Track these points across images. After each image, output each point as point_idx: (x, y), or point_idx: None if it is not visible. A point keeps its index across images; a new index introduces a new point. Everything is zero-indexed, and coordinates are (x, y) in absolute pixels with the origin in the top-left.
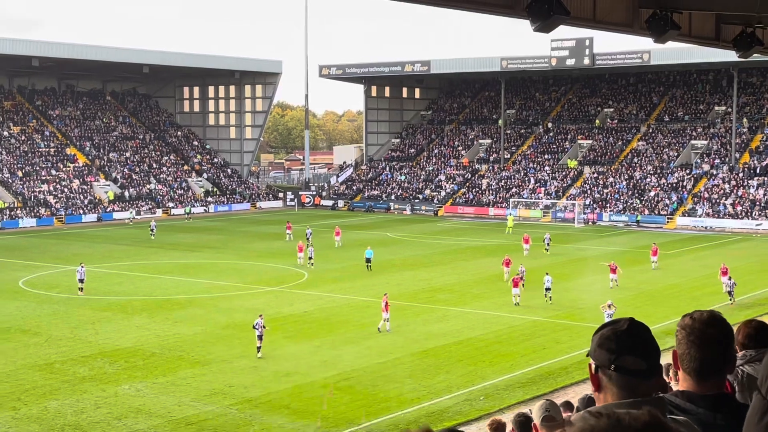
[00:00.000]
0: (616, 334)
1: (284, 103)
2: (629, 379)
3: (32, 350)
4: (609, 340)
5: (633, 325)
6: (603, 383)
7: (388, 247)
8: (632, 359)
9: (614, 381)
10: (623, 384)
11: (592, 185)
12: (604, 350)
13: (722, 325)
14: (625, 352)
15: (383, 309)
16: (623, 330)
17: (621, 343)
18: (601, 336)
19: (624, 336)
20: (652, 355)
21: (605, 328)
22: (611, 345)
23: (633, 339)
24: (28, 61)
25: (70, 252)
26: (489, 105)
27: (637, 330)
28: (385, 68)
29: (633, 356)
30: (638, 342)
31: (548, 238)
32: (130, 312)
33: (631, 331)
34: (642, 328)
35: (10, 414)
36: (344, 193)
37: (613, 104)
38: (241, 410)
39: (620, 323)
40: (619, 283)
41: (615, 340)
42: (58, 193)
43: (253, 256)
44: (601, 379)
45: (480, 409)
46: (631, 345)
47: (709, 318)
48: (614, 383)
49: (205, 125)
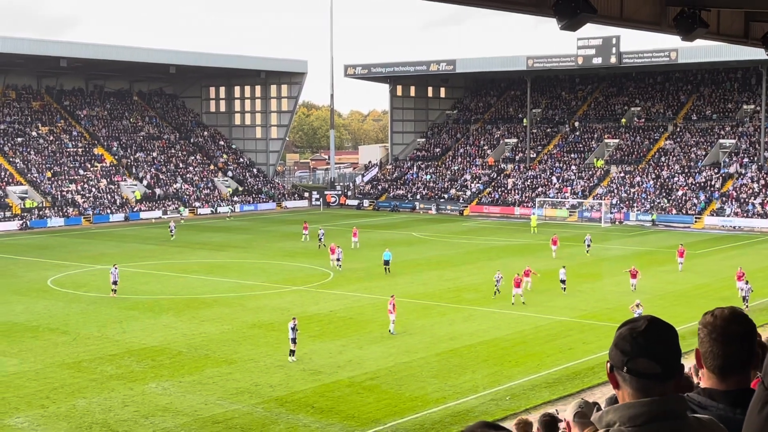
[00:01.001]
0: (633, 335)
1: (310, 102)
2: (643, 382)
3: (60, 349)
4: (624, 341)
5: (652, 326)
6: (618, 382)
7: (413, 247)
8: (646, 362)
9: (628, 382)
10: (637, 386)
11: (618, 184)
12: (619, 351)
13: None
14: (639, 354)
15: (390, 311)
16: (640, 331)
17: (636, 344)
18: (619, 335)
19: (640, 338)
20: (669, 358)
21: (624, 327)
22: (626, 346)
23: (649, 341)
24: (57, 61)
25: (98, 251)
26: (515, 104)
27: (656, 331)
28: (410, 67)
29: (647, 359)
30: (654, 344)
31: (589, 239)
32: (157, 311)
33: (649, 332)
34: (662, 329)
35: (39, 412)
36: (369, 192)
37: (640, 103)
38: (267, 409)
39: (639, 323)
40: (637, 287)
41: (630, 341)
42: (86, 193)
43: (279, 256)
44: (617, 378)
45: (506, 409)
46: (646, 347)
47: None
48: (628, 384)
49: (231, 125)
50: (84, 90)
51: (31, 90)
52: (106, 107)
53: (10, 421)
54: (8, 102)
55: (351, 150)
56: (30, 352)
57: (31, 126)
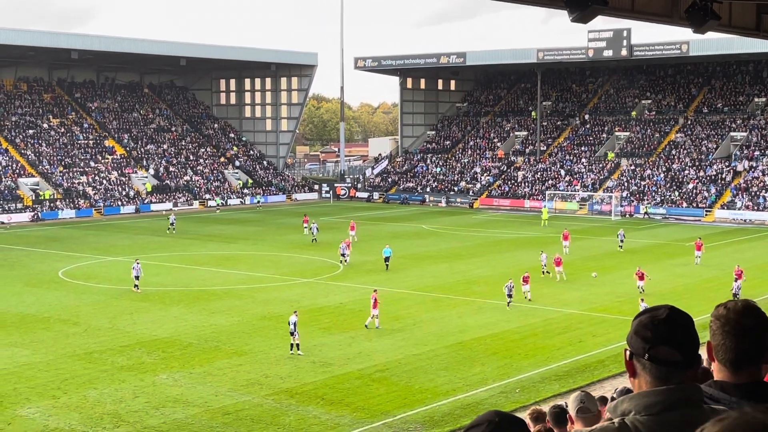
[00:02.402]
0: (654, 322)
1: (320, 95)
2: (663, 369)
3: (72, 340)
4: (645, 329)
5: (672, 314)
6: (637, 371)
7: (423, 240)
8: (667, 350)
9: (648, 370)
10: (657, 374)
11: (629, 177)
12: (640, 338)
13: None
14: (660, 342)
15: (372, 305)
16: (661, 319)
17: (657, 332)
18: (639, 323)
19: (661, 325)
20: (689, 347)
21: (644, 315)
22: (647, 334)
23: (670, 329)
24: (68, 54)
25: (109, 243)
26: (525, 97)
27: (676, 319)
28: (420, 60)
29: (668, 347)
30: (675, 332)
31: (622, 234)
32: (168, 303)
33: (670, 320)
34: (681, 318)
35: (51, 402)
36: (379, 185)
37: (651, 96)
38: (277, 400)
39: (659, 311)
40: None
41: (651, 328)
42: (97, 185)
43: (289, 248)
44: (636, 366)
45: (516, 402)
46: (667, 335)
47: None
48: (648, 372)
49: (242, 117)
50: (95, 82)
51: (43, 82)
52: (117, 99)
53: (21, 412)
54: (20, 94)
55: (361, 142)
56: (41, 343)
57: (42, 118)
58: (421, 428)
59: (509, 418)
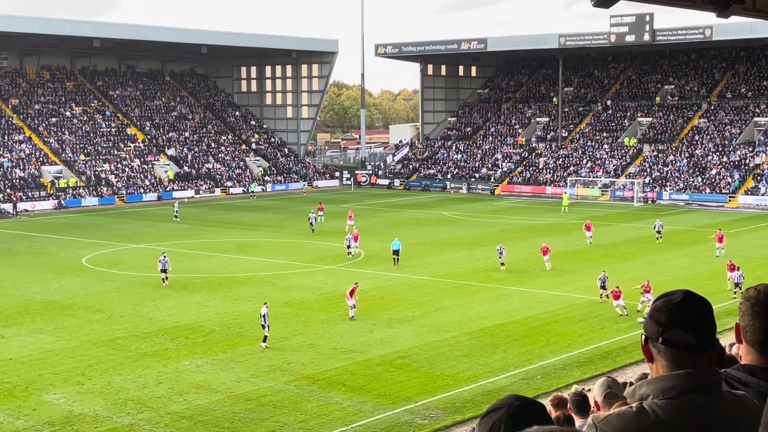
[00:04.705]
0: (668, 306)
1: (340, 82)
2: (678, 353)
3: (95, 326)
4: (659, 312)
5: (687, 298)
6: (653, 355)
7: (444, 227)
8: (681, 333)
9: (663, 354)
10: (672, 357)
11: (651, 163)
12: (654, 322)
13: None
14: (674, 325)
15: (348, 296)
16: (675, 303)
17: (671, 316)
18: (654, 308)
19: (675, 309)
20: (704, 330)
21: (660, 300)
22: (661, 317)
23: (684, 312)
24: (90, 42)
25: (132, 231)
26: (546, 83)
27: (691, 303)
28: (441, 46)
29: (682, 330)
30: (690, 316)
31: (660, 225)
32: (190, 290)
33: (684, 304)
34: (697, 302)
35: (75, 388)
36: (400, 172)
37: (674, 81)
38: (299, 386)
39: (674, 295)
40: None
41: (666, 312)
42: (120, 173)
43: (310, 235)
44: (652, 351)
45: (537, 388)
46: (682, 319)
47: None
48: (663, 356)
49: (263, 105)
50: (117, 70)
51: (65, 70)
52: (139, 87)
53: (47, 397)
54: (43, 82)
55: (382, 129)
56: (66, 329)
57: (65, 106)
58: (442, 414)
59: (529, 402)
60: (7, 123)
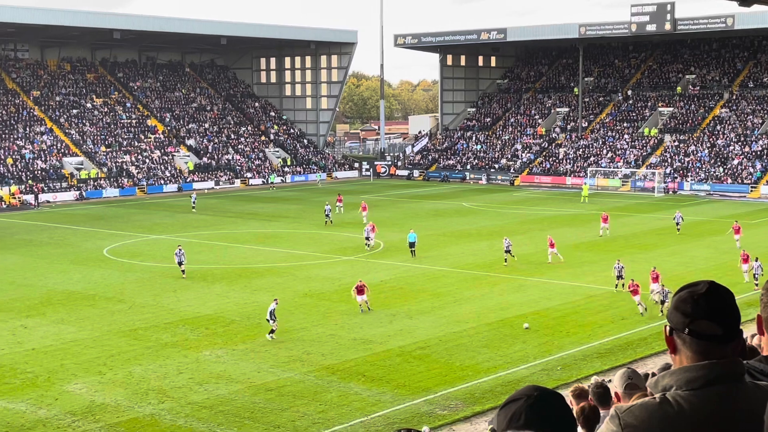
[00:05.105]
0: (693, 297)
1: (359, 73)
2: (704, 344)
3: (117, 317)
4: (685, 303)
5: (712, 289)
6: (678, 346)
7: (463, 217)
8: (707, 324)
9: (688, 345)
10: (698, 348)
11: (672, 154)
12: (679, 313)
13: None
14: (700, 316)
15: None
16: (701, 293)
17: (697, 306)
18: (678, 298)
19: (701, 300)
20: (730, 320)
21: (684, 290)
22: (687, 308)
23: (710, 303)
24: (110, 34)
25: (153, 221)
26: (566, 73)
27: (716, 294)
28: (460, 36)
29: (708, 321)
30: (715, 306)
31: (680, 216)
32: (211, 280)
33: (710, 294)
34: (722, 292)
35: (97, 378)
36: (419, 162)
37: (695, 70)
38: (319, 377)
39: (699, 286)
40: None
41: (691, 303)
42: (140, 164)
43: (330, 226)
44: (676, 342)
45: (557, 379)
46: (708, 309)
47: None
48: (688, 347)
49: (282, 96)
50: (137, 62)
51: (86, 62)
52: (159, 79)
53: (68, 387)
54: (63, 74)
55: (401, 120)
56: (87, 320)
57: (85, 98)
58: (461, 405)
59: (548, 392)
60: (28, 115)
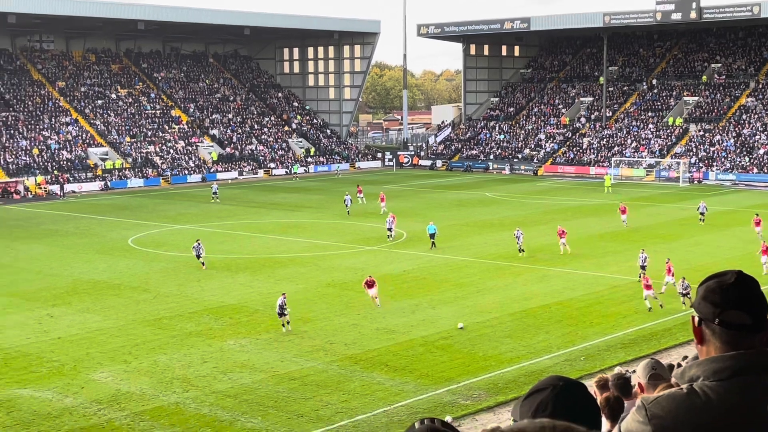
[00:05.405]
0: (722, 287)
1: (382, 63)
2: (734, 334)
3: (142, 306)
4: (714, 293)
5: (740, 278)
6: (706, 337)
7: (487, 207)
8: (737, 313)
9: (718, 335)
10: (727, 338)
11: (698, 143)
12: (709, 303)
13: None
14: (730, 305)
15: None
16: (730, 283)
17: (726, 296)
18: (706, 288)
19: (730, 289)
20: (758, 310)
21: (711, 281)
22: (716, 298)
23: (739, 292)
24: (134, 24)
25: (177, 211)
26: (591, 62)
27: (745, 283)
28: (484, 26)
29: (738, 310)
30: (744, 296)
31: (703, 207)
32: (234, 270)
33: (738, 284)
34: (750, 282)
35: (122, 367)
36: (442, 152)
37: (721, 59)
38: (342, 366)
39: (727, 276)
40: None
41: (720, 293)
42: (164, 154)
43: (353, 216)
44: (705, 332)
45: (580, 370)
46: (737, 299)
47: None
48: (718, 337)
49: (305, 86)
50: (161, 52)
51: (110, 53)
52: (183, 69)
53: (94, 376)
54: (88, 65)
55: (424, 110)
56: (112, 309)
57: (110, 88)
58: (484, 395)
59: (572, 383)
60: (54, 105)
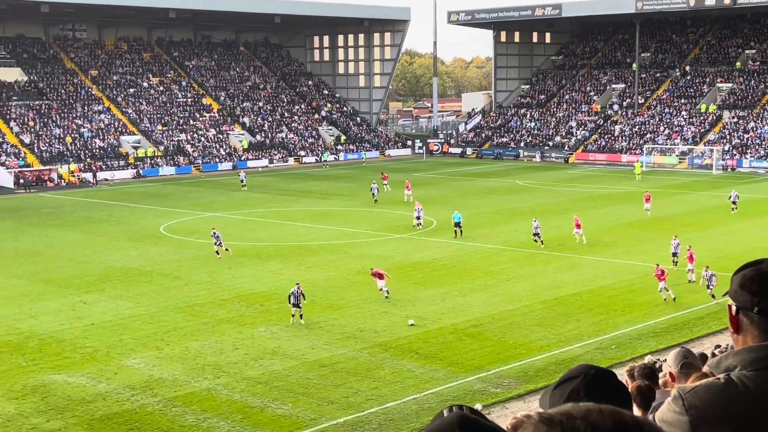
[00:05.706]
0: (760, 275)
1: (412, 50)
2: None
3: (173, 293)
4: (752, 281)
5: None
6: (743, 326)
7: (517, 195)
8: None
9: (756, 324)
10: (766, 327)
11: (731, 130)
12: (746, 292)
13: None
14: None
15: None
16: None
17: (765, 284)
18: (743, 276)
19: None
20: None
21: (747, 269)
22: (754, 286)
23: None
24: (166, 13)
25: (208, 199)
26: (623, 48)
27: None
28: (514, 12)
29: None
30: None
31: (735, 195)
32: (265, 258)
33: None
34: None
35: (154, 353)
36: (473, 140)
37: (756, 45)
38: (372, 354)
39: (764, 264)
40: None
41: (758, 281)
42: (195, 142)
43: (382, 204)
44: (742, 321)
45: (611, 358)
46: None
47: None
48: (756, 326)
49: (335, 74)
50: (192, 41)
51: (142, 41)
52: (214, 58)
53: (127, 362)
54: (120, 54)
55: (454, 98)
56: (144, 296)
57: (142, 77)
58: (515, 383)
59: (603, 372)
60: (86, 94)
